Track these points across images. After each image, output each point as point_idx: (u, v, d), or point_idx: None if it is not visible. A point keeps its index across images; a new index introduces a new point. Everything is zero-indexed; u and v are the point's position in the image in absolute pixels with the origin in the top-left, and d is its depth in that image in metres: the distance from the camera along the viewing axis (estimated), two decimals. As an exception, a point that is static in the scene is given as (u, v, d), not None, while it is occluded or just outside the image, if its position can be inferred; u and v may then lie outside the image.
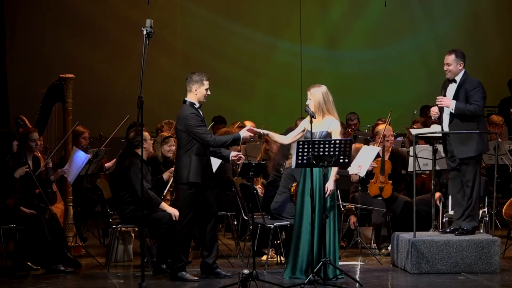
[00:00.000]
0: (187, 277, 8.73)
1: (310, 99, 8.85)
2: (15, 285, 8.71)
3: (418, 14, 16.64)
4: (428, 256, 9.01)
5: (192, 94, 8.84)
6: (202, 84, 8.83)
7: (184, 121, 8.74)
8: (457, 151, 9.13)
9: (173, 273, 8.77)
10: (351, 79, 16.34)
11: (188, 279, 8.71)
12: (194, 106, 8.81)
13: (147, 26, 7.90)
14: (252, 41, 16.23)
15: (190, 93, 8.86)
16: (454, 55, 9.21)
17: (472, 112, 9.07)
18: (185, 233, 8.75)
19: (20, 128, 10.49)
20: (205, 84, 8.85)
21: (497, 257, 9.11)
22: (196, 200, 8.72)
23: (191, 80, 8.86)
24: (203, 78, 8.85)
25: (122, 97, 14.94)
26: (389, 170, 10.56)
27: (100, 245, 11.14)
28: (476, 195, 9.18)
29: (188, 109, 8.79)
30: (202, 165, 8.72)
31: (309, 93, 8.90)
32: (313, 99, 8.84)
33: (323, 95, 8.85)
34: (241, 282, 7.90)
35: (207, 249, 8.86)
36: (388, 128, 10.80)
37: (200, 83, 8.83)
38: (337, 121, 8.82)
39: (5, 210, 9.17)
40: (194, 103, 8.83)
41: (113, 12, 15.75)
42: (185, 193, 8.75)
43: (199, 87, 8.83)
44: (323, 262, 8.46)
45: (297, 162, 8.51)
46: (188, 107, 8.81)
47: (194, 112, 8.77)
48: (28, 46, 15.23)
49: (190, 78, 8.88)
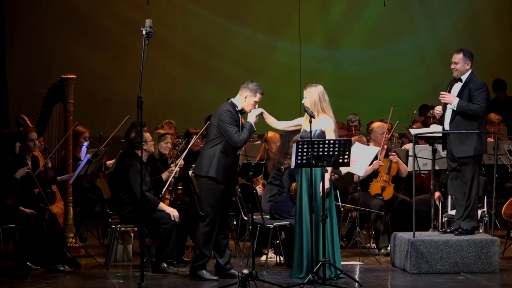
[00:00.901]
0: (206, 276, 8.74)
1: (306, 97, 8.86)
2: (15, 285, 8.72)
3: (417, 14, 16.64)
4: (427, 256, 9.02)
5: (241, 99, 8.78)
6: (255, 96, 8.75)
7: (219, 115, 8.71)
8: (455, 150, 9.15)
9: (192, 270, 8.78)
10: (351, 79, 16.34)
11: (207, 278, 8.72)
12: (235, 107, 8.77)
13: (147, 26, 7.88)
14: (252, 41, 16.23)
15: (239, 96, 8.80)
16: (462, 54, 9.22)
17: (474, 111, 9.08)
18: (208, 230, 8.71)
19: (20, 128, 10.51)
20: (257, 97, 8.76)
21: (497, 257, 9.12)
22: (217, 196, 8.69)
23: (246, 87, 8.78)
24: (258, 91, 8.76)
25: (122, 97, 14.94)
26: (394, 172, 10.56)
27: (100, 245, 11.15)
28: (475, 195, 9.19)
29: (227, 106, 8.76)
30: (225, 164, 8.67)
31: (305, 92, 8.91)
32: (309, 98, 8.84)
33: (319, 95, 8.85)
34: (240, 282, 7.92)
35: (219, 251, 8.84)
36: (383, 125, 10.83)
37: (253, 94, 8.75)
38: (332, 120, 8.82)
39: (5, 210, 9.18)
40: (236, 105, 8.79)
41: (113, 12, 15.75)
42: (204, 188, 8.74)
43: (250, 97, 8.75)
44: (323, 262, 8.46)
45: (297, 162, 8.52)
46: (228, 105, 8.77)
47: (231, 111, 8.73)
48: (27, 46, 15.23)
49: (247, 84, 8.80)
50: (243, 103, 8.77)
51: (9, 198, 9.28)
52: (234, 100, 8.81)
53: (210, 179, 8.66)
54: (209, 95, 15.77)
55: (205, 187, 8.71)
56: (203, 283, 8.71)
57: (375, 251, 10.42)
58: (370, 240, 10.92)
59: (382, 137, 10.62)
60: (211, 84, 15.93)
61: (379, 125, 10.83)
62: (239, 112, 8.78)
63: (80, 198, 10.84)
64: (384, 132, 10.67)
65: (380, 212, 10.27)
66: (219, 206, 8.71)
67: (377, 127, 10.76)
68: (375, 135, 10.69)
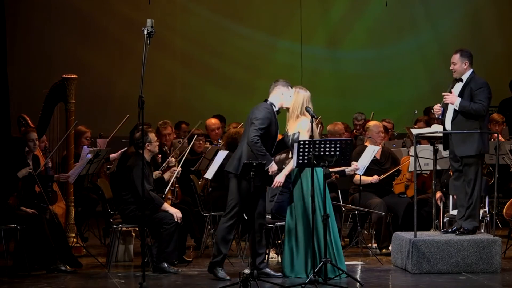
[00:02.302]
0: (220, 274, 8.76)
1: (291, 96, 8.86)
2: (16, 285, 8.71)
3: (419, 14, 16.65)
4: (429, 256, 9.02)
5: (277, 98, 8.83)
6: (288, 88, 8.84)
7: (255, 111, 8.75)
8: (457, 150, 9.16)
9: (210, 267, 8.82)
10: (352, 79, 16.36)
11: (220, 277, 8.72)
12: (273, 108, 8.81)
13: (148, 26, 7.88)
14: (253, 40, 16.24)
15: (275, 95, 8.84)
16: (459, 54, 9.26)
17: (476, 111, 9.09)
18: (228, 226, 8.74)
19: (21, 127, 10.52)
20: (290, 89, 8.84)
21: (498, 257, 9.13)
22: (243, 193, 8.69)
23: (278, 84, 8.85)
24: (289, 84, 8.88)
25: (122, 97, 14.96)
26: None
27: (101, 245, 11.17)
28: (477, 195, 9.20)
29: (266, 105, 8.79)
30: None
31: (295, 89, 8.90)
32: (295, 98, 8.85)
33: (304, 100, 8.84)
34: (241, 282, 7.93)
35: (252, 250, 8.84)
36: (379, 124, 10.85)
37: (287, 87, 8.83)
38: (307, 120, 8.76)
39: (6, 210, 9.19)
40: (275, 105, 8.83)
41: (114, 12, 15.77)
42: (231, 184, 8.75)
43: (286, 91, 8.83)
44: (324, 262, 8.47)
45: (298, 162, 8.53)
46: (267, 105, 8.80)
47: (270, 111, 8.75)
48: (29, 46, 15.25)
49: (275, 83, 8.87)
50: (281, 100, 8.82)
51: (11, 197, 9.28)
52: (271, 99, 8.85)
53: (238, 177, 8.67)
54: (210, 95, 15.79)
55: (232, 182, 8.74)
56: (204, 282, 8.71)
57: (376, 251, 10.42)
58: (371, 240, 10.93)
59: (378, 135, 10.66)
60: (212, 84, 15.95)
61: (375, 124, 10.86)
62: (277, 112, 8.83)
63: (82, 198, 10.86)
64: (380, 131, 10.70)
65: (381, 212, 10.27)
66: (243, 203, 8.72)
67: (373, 126, 10.79)
68: (371, 134, 10.71)
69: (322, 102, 15.23)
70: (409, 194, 10.57)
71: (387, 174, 10.57)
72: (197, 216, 10.56)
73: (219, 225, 8.87)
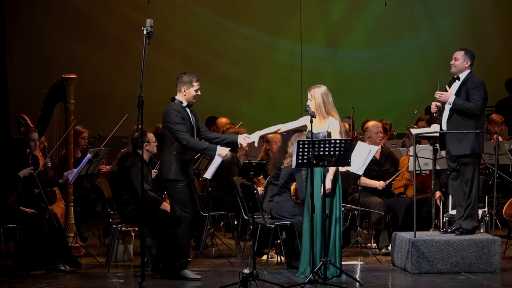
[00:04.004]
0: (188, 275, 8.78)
1: (311, 100, 8.87)
2: (16, 285, 8.73)
3: (418, 14, 16.67)
4: (428, 256, 9.03)
5: (181, 94, 8.84)
6: (192, 86, 8.80)
7: (164, 117, 8.77)
8: (452, 149, 9.19)
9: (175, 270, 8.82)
10: (351, 79, 16.37)
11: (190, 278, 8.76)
12: (181, 105, 8.80)
13: (147, 26, 7.90)
14: (253, 40, 16.26)
15: (179, 93, 8.85)
16: (464, 52, 9.32)
17: (469, 109, 9.11)
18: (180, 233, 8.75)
19: (21, 127, 10.52)
20: (195, 85, 8.81)
21: (497, 256, 9.14)
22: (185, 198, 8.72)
23: (181, 81, 8.84)
24: (193, 80, 8.81)
25: (122, 97, 14.97)
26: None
27: (100, 245, 11.18)
28: (475, 195, 9.21)
29: (172, 105, 8.80)
30: (183, 163, 8.69)
31: (309, 93, 8.92)
32: (314, 100, 8.85)
33: (323, 97, 8.86)
34: (241, 282, 7.94)
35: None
36: (378, 124, 10.86)
37: (189, 84, 8.80)
38: (337, 121, 8.83)
39: (6, 209, 9.20)
40: (182, 101, 8.82)
41: (114, 12, 15.79)
42: (169, 191, 8.79)
43: (188, 88, 8.81)
44: (323, 262, 8.49)
45: (297, 162, 8.53)
46: (173, 104, 8.81)
47: (176, 109, 8.75)
48: (28, 46, 15.27)
49: (180, 78, 8.86)
50: (186, 97, 8.81)
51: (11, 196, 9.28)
52: (177, 97, 8.85)
53: (171, 181, 8.69)
54: (210, 94, 15.72)
55: (170, 189, 8.76)
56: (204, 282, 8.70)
57: (375, 250, 10.43)
58: (371, 240, 10.94)
59: (377, 136, 10.66)
60: (212, 84, 15.92)
61: (374, 124, 10.86)
62: (187, 108, 8.81)
63: (81, 198, 10.88)
64: (379, 131, 10.70)
65: (380, 212, 10.28)
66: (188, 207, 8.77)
67: (372, 126, 10.79)
68: (370, 134, 10.71)
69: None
70: (409, 194, 10.57)
71: (392, 179, 10.57)
72: (197, 216, 10.56)
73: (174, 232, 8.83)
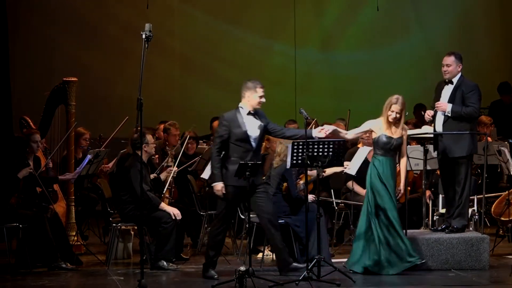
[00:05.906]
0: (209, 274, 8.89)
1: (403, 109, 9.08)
2: (18, 282, 8.82)
3: (410, 18, 16.67)
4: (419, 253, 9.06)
5: (245, 100, 8.76)
6: (255, 92, 8.71)
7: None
8: (450, 151, 9.23)
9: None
10: (345, 81, 16.36)
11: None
12: (239, 111, 8.77)
13: (146, 30, 7.93)
14: (248, 43, 16.18)
15: (243, 99, 8.78)
16: (453, 56, 9.28)
17: (468, 114, 9.17)
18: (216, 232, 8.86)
19: (23, 129, 10.57)
20: (259, 91, 8.72)
21: (486, 254, 9.23)
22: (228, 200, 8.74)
23: (245, 87, 8.76)
24: (257, 86, 8.73)
25: (122, 99, 14.95)
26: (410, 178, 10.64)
27: (101, 243, 11.24)
28: (466, 195, 9.28)
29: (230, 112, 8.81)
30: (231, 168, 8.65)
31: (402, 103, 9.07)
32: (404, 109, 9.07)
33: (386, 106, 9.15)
34: (237, 279, 8.06)
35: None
36: None
37: (253, 90, 8.72)
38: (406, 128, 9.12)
39: (9, 209, 9.28)
40: (242, 108, 8.76)
41: (114, 17, 15.73)
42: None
43: (251, 94, 8.72)
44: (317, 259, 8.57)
45: (292, 162, 8.65)
46: (232, 111, 8.80)
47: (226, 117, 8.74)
48: (30, 50, 15.20)
49: (244, 84, 8.78)
50: (250, 103, 8.76)
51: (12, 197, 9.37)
52: (241, 104, 8.81)
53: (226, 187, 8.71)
54: (208, 97, 15.81)
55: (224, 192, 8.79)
56: (201, 279, 8.79)
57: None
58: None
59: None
60: (210, 86, 15.96)
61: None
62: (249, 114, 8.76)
63: (82, 197, 10.93)
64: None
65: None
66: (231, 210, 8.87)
67: None
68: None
69: (316, 104, 15.43)
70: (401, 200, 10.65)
71: None
72: (194, 215, 10.68)
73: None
